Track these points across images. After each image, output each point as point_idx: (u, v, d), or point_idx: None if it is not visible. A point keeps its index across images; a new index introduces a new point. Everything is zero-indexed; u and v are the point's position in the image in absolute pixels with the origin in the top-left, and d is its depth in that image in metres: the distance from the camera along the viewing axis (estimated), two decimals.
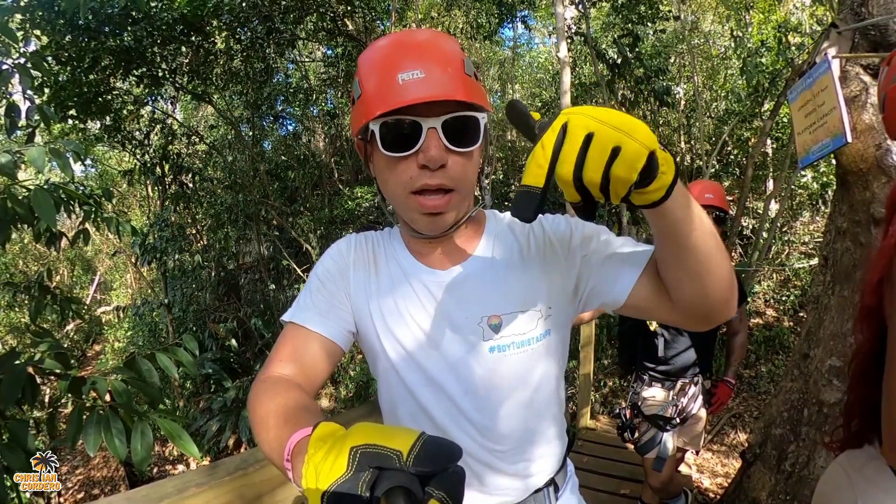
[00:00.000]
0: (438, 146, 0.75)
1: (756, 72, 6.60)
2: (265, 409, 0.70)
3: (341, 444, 0.45)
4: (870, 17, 1.91)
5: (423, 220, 0.81)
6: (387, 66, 0.76)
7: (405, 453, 0.43)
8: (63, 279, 14.06)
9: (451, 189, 0.79)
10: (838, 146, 1.78)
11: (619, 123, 0.52)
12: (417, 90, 0.72)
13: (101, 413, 1.43)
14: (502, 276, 0.87)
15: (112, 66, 6.00)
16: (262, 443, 0.69)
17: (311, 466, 0.46)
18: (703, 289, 0.71)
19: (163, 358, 1.70)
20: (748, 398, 5.39)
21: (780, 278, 6.96)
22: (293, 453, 0.56)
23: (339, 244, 0.96)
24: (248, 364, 7.76)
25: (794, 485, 2.26)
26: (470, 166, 0.81)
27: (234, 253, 9.50)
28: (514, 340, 0.84)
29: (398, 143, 0.75)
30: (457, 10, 8.43)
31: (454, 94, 0.74)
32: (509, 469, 0.88)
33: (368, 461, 0.43)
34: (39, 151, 1.77)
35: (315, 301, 0.88)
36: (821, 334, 2.27)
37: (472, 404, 0.85)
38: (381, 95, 0.74)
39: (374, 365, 0.93)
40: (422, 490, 0.42)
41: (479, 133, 0.79)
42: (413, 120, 0.74)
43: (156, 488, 0.75)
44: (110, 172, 11.67)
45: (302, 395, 0.74)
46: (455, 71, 0.76)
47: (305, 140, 10.77)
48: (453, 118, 0.75)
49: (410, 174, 0.77)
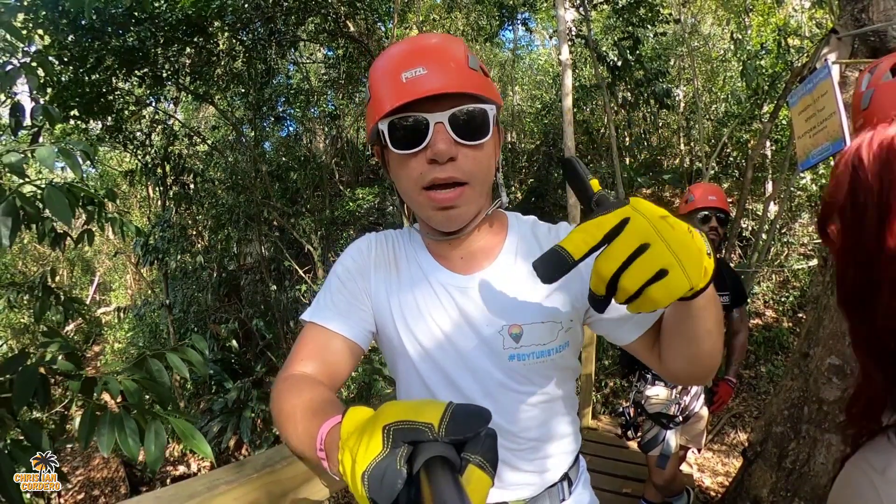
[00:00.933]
0: (446, 140, 0.75)
1: (755, 74, 6.62)
2: (291, 406, 0.71)
3: (373, 424, 0.46)
4: (870, 23, 1.94)
5: (437, 215, 0.81)
6: (390, 68, 0.77)
7: (437, 424, 0.44)
8: (63, 280, 14.04)
9: (463, 182, 0.78)
10: (838, 150, 1.81)
11: (678, 245, 0.51)
12: (420, 86, 0.73)
13: (113, 413, 1.44)
14: (525, 285, 0.86)
15: (115, 66, 5.99)
16: (289, 438, 0.70)
17: (347, 451, 0.47)
18: (692, 368, 0.76)
19: (173, 358, 1.71)
20: (748, 398, 5.42)
21: (780, 279, 6.99)
22: (326, 442, 0.57)
23: (359, 243, 0.96)
24: (249, 365, 7.76)
25: (794, 482, 2.29)
26: (482, 159, 0.80)
27: (235, 254, 9.50)
28: (534, 350, 0.84)
29: (407, 141, 0.76)
30: (458, 12, 8.47)
31: (457, 87, 0.74)
32: (526, 466, 0.89)
33: (403, 437, 0.44)
34: (49, 151, 1.77)
35: (335, 301, 0.88)
36: (820, 333, 2.30)
37: (490, 406, 0.86)
38: (387, 94, 0.76)
39: (394, 364, 0.93)
40: (458, 457, 0.44)
41: (489, 125, 0.78)
42: (419, 116, 0.74)
43: (185, 487, 0.74)
44: (111, 173, 11.67)
45: (326, 392, 0.74)
46: (458, 65, 0.76)
47: (306, 141, 10.78)
48: (460, 111, 0.75)
49: (420, 170, 0.77)
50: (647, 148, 10.24)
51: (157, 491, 0.69)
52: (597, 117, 9.69)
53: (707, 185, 2.77)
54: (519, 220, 0.96)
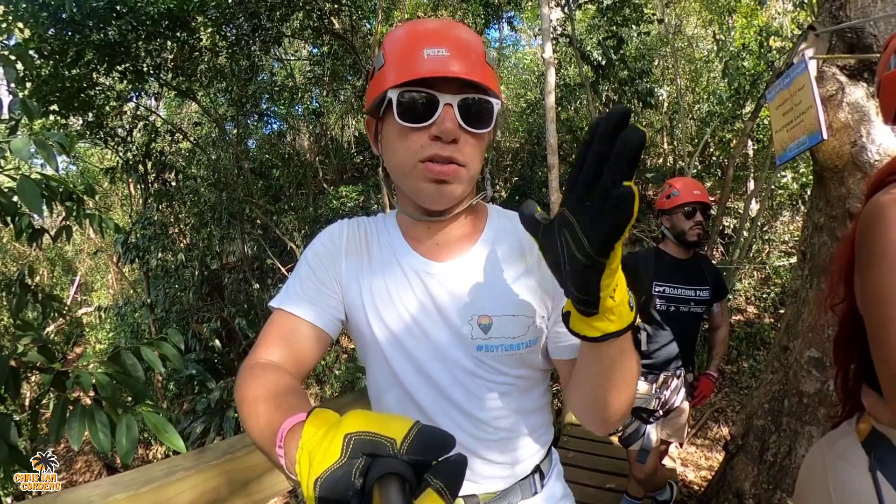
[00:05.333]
0: (453, 121, 0.76)
1: (738, 75, 6.70)
2: (254, 394, 0.70)
3: (335, 430, 0.46)
4: (847, 20, 1.96)
5: (430, 188, 0.80)
6: (413, 41, 0.78)
7: (399, 441, 0.43)
8: (43, 279, 13.77)
9: (460, 164, 0.79)
10: (814, 143, 1.84)
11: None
12: (441, 65, 0.74)
13: (84, 406, 1.41)
14: (498, 277, 0.86)
15: (96, 60, 5.89)
16: (251, 428, 0.68)
17: (305, 452, 0.46)
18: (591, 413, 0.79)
19: (147, 352, 1.67)
20: (730, 393, 5.49)
21: (761, 276, 7.09)
22: (286, 439, 0.56)
23: (330, 229, 0.95)
24: (232, 365, 7.67)
25: (776, 474, 2.31)
26: (479, 149, 0.82)
27: (217, 252, 9.38)
28: (502, 343, 0.84)
29: (414, 114, 0.76)
30: (443, 10, 8.45)
31: (474, 76, 0.76)
32: (496, 458, 0.89)
33: (362, 448, 0.43)
34: (24, 142, 1.73)
35: (304, 287, 0.87)
36: (799, 327, 2.33)
37: (459, 394, 0.85)
38: (406, 65, 0.76)
39: (364, 351, 0.92)
40: (416, 478, 0.42)
41: (492, 118, 0.80)
42: (432, 93, 0.75)
43: (143, 472, 0.74)
44: (92, 170, 11.47)
45: (290, 381, 0.74)
46: (478, 56, 0.79)
47: (290, 139, 10.70)
48: (471, 98, 0.77)
49: (422, 143, 0.77)
50: None
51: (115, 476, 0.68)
52: (581, 116, 9.73)
53: (688, 179, 2.79)
54: (500, 213, 0.96)
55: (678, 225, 2.45)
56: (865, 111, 1.93)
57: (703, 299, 2.49)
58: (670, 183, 2.56)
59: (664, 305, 2.46)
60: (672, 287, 2.46)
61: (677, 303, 2.47)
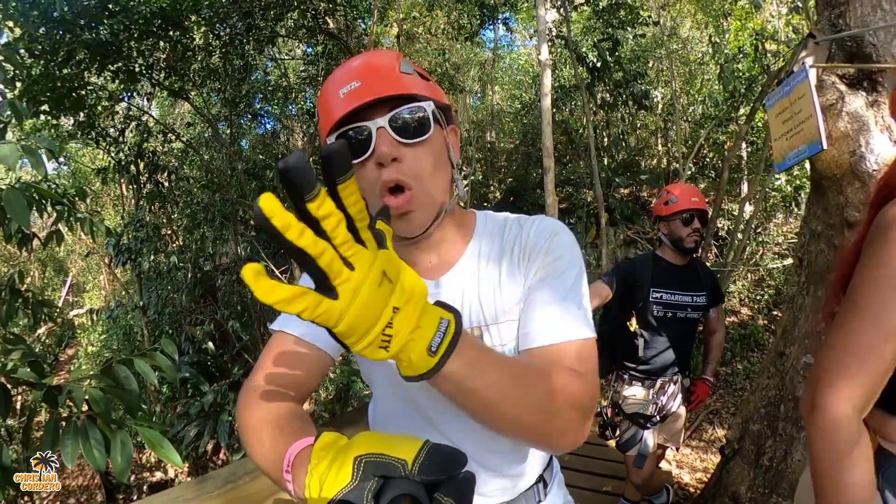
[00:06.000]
0: (388, 142, 0.76)
1: (733, 77, 6.72)
2: (257, 419, 0.70)
3: (345, 453, 0.45)
4: (847, 28, 1.96)
5: (396, 223, 0.80)
6: (330, 88, 0.80)
7: (410, 462, 0.43)
8: (34, 281, 13.63)
9: (408, 186, 0.77)
10: (814, 153, 1.83)
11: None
12: (356, 97, 0.76)
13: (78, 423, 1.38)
14: (484, 286, 0.86)
15: (87, 60, 5.81)
16: (255, 454, 0.68)
17: (315, 476, 0.46)
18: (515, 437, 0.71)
19: (141, 364, 1.64)
20: (725, 395, 5.51)
21: (755, 278, 7.13)
22: (294, 464, 0.55)
23: None
24: (226, 367, 7.61)
25: (772, 478, 2.32)
26: (426, 157, 0.79)
27: (210, 254, 9.32)
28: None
29: (357, 150, 0.76)
30: (439, 10, 8.42)
31: (389, 90, 0.76)
32: (502, 470, 0.89)
33: (373, 470, 0.43)
34: (11, 148, 1.70)
35: None
36: (796, 333, 2.33)
37: None
38: (329, 112, 0.79)
39: (368, 366, 0.92)
40: (428, 498, 0.42)
41: (429, 122, 0.79)
42: (361, 125, 0.76)
43: None
44: (83, 171, 11.35)
45: (292, 405, 0.73)
46: (388, 72, 0.79)
47: (284, 139, 10.63)
48: (398, 113, 0.77)
49: (372, 177, 0.77)
50: (626, 148, 10.34)
51: None
52: (576, 117, 9.74)
53: (685, 185, 2.79)
54: (487, 218, 0.95)
55: (676, 232, 2.45)
56: (865, 120, 1.93)
57: (699, 305, 2.49)
58: (668, 190, 2.55)
59: (662, 312, 2.46)
60: (669, 293, 2.46)
61: (675, 309, 2.47)
